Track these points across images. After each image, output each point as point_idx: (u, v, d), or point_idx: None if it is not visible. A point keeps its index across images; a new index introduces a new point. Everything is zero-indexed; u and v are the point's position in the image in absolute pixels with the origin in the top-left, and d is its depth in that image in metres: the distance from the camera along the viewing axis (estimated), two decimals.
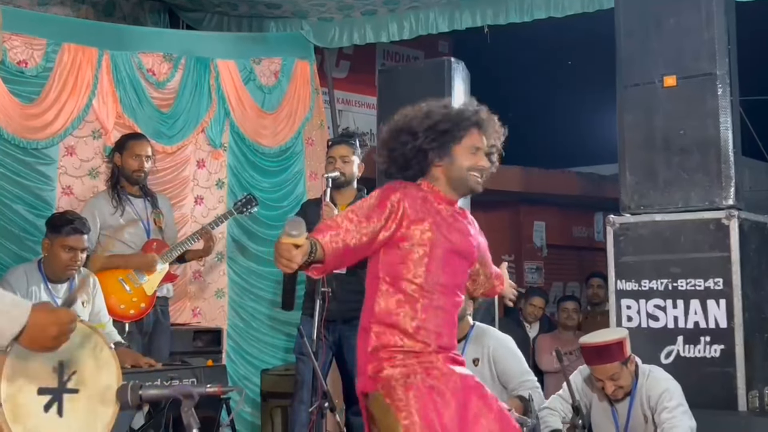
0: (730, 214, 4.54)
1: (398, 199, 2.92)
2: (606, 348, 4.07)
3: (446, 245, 2.96)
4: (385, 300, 2.93)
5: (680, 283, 4.64)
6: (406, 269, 2.92)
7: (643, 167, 4.84)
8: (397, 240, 2.92)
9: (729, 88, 4.66)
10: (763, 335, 4.78)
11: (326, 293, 4.38)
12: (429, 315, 2.92)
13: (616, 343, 4.07)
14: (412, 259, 2.92)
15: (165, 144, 6.04)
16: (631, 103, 4.89)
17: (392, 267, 2.94)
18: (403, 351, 2.88)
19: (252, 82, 6.50)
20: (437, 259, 2.94)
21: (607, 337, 4.14)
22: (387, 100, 6.22)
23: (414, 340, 2.89)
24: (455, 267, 3.01)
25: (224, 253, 6.24)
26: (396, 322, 2.90)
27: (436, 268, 2.93)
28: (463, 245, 3.05)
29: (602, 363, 4.07)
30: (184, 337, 5.54)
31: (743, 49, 4.95)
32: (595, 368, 4.11)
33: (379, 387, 2.87)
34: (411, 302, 2.91)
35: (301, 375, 4.74)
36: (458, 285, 3.04)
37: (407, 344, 2.88)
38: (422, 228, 2.93)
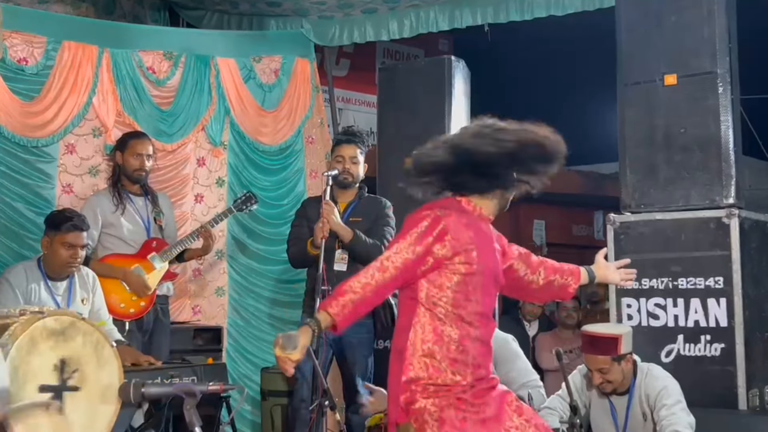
0: (731, 213, 4.54)
1: (442, 229, 2.83)
2: (599, 339, 4.08)
3: (486, 272, 2.90)
4: (422, 326, 2.86)
5: (681, 281, 4.65)
6: (446, 298, 2.84)
7: (644, 166, 4.83)
8: (437, 267, 2.84)
9: (730, 87, 4.66)
10: (764, 334, 4.78)
11: (327, 291, 4.38)
12: (467, 346, 2.86)
13: (610, 338, 4.07)
14: (452, 288, 2.84)
15: (165, 142, 6.03)
16: (631, 101, 4.89)
17: (431, 293, 2.86)
18: (436, 385, 2.81)
19: (252, 81, 6.50)
20: (477, 288, 2.87)
21: (605, 330, 4.15)
22: (387, 99, 6.24)
23: (451, 373, 2.82)
24: (491, 293, 2.96)
25: (224, 251, 6.23)
26: (432, 353, 2.82)
27: (476, 297, 2.87)
28: (496, 269, 2.98)
29: (594, 353, 4.08)
30: (185, 336, 5.54)
31: (743, 47, 4.95)
32: (587, 357, 4.14)
33: (412, 420, 2.82)
34: (449, 332, 2.84)
35: (301, 373, 4.73)
36: (492, 311, 2.98)
37: (442, 378, 2.82)
38: (465, 257, 2.84)
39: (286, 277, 6.09)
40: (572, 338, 6.39)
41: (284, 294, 6.27)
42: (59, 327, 3.07)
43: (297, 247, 4.90)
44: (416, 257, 2.82)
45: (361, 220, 4.83)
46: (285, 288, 6.25)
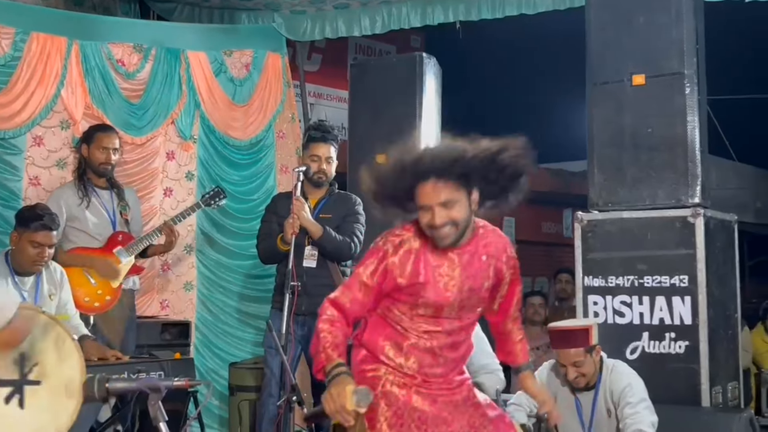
0: (696, 212, 4.59)
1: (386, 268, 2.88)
2: (572, 333, 4.13)
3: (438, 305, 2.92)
4: (372, 331, 2.97)
5: (646, 279, 4.69)
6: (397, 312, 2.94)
7: (612, 165, 4.88)
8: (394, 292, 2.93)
9: (696, 87, 4.70)
10: (727, 332, 4.85)
11: (296, 287, 4.38)
12: (415, 355, 2.95)
13: (582, 330, 4.13)
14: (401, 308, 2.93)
15: (134, 135, 6.00)
16: (600, 100, 4.93)
17: (384, 303, 2.96)
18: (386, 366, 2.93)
19: (223, 74, 6.47)
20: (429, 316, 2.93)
21: (574, 323, 4.23)
22: (358, 94, 6.24)
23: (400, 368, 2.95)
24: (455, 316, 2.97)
25: (193, 246, 6.21)
26: (384, 349, 2.95)
27: (426, 321, 2.94)
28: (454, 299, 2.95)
29: (567, 347, 4.11)
30: (152, 330, 5.51)
31: (711, 48, 5.00)
32: (560, 352, 4.16)
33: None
34: (397, 340, 2.95)
35: (269, 369, 4.74)
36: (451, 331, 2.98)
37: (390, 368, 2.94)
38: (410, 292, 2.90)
39: (256, 273, 6.08)
40: (539, 334, 6.43)
41: (253, 289, 6.26)
42: None
43: (267, 242, 4.89)
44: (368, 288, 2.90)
45: (331, 217, 4.83)
46: (254, 283, 6.24)
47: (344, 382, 2.75)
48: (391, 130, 6.03)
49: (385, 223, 3.09)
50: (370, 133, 6.10)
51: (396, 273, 2.87)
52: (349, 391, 2.72)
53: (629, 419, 3.96)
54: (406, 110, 5.91)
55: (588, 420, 4.16)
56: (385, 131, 6.04)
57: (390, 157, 2.89)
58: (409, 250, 2.88)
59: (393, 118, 5.96)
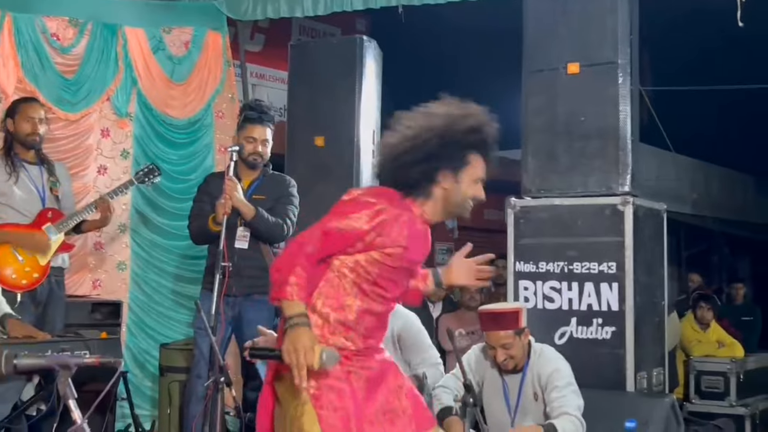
0: (626, 201, 4.66)
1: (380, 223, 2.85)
2: (501, 315, 4.17)
3: (403, 270, 2.97)
4: (326, 290, 2.91)
5: (576, 266, 4.76)
6: (356, 273, 2.90)
7: (545, 152, 4.93)
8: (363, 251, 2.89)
9: (629, 77, 4.77)
10: (654, 319, 4.94)
11: (227, 268, 4.35)
12: (363, 319, 2.93)
13: (511, 312, 4.17)
14: (365, 268, 2.90)
15: (68, 111, 5.90)
16: (535, 88, 4.98)
17: (344, 264, 2.91)
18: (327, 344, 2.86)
19: (161, 52, 6.38)
20: (388, 278, 2.94)
21: (503, 306, 4.28)
22: (298, 75, 6.21)
23: (343, 338, 2.90)
24: (401, 285, 3.03)
25: (127, 225, 6.12)
26: (328, 316, 2.90)
27: (384, 284, 2.94)
28: (417, 266, 3.07)
29: (496, 329, 4.15)
30: (82, 309, 5.42)
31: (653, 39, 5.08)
32: (489, 334, 4.19)
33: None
34: (350, 302, 2.91)
35: (199, 349, 4.71)
36: (398, 296, 3.06)
37: (333, 340, 2.88)
38: (392, 252, 2.89)
39: (191, 253, 6.02)
40: (475, 320, 6.44)
41: (188, 270, 6.19)
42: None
43: (198, 222, 4.84)
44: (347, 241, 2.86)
45: (264, 198, 4.80)
46: (189, 263, 6.17)
47: (310, 338, 2.73)
48: (330, 112, 6.04)
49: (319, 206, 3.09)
50: (309, 114, 6.08)
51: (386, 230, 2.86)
52: (318, 351, 2.72)
53: (555, 402, 4.02)
54: (346, 92, 5.89)
55: (514, 403, 4.21)
56: (324, 113, 6.04)
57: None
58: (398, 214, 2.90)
59: (332, 101, 5.94)
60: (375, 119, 6.25)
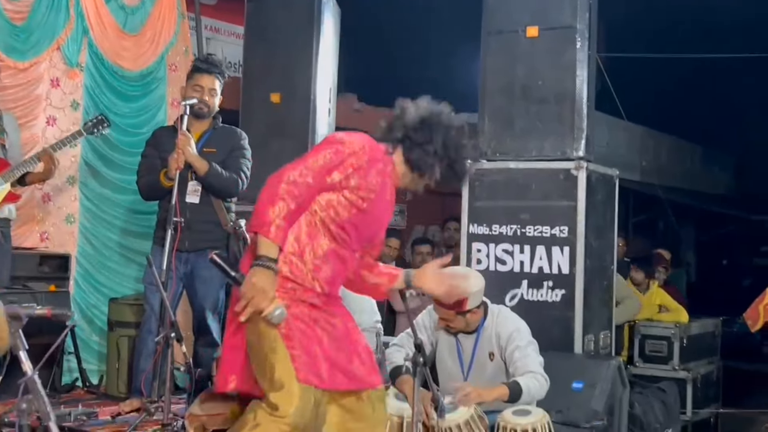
0: (579, 165, 4.69)
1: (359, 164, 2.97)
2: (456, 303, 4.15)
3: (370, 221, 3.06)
4: (299, 227, 2.96)
5: (528, 229, 4.80)
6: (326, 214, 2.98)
7: (502, 115, 4.94)
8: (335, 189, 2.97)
9: (587, 43, 4.78)
10: (603, 283, 5.01)
11: (179, 223, 4.30)
12: (330, 259, 3.00)
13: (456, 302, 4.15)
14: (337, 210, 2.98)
15: (16, 59, 5.71)
16: (493, 50, 4.96)
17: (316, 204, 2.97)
18: (295, 282, 2.94)
19: (114, 1, 6.21)
20: (355, 226, 3.02)
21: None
22: (254, 31, 6.12)
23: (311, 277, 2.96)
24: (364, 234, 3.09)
25: (76, 178, 5.99)
26: (302, 253, 2.95)
27: (351, 231, 3.02)
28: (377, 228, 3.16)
29: (439, 306, 4.16)
30: (29, 262, 5.32)
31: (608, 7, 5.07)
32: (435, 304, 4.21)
33: None
34: (321, 241, 2.98)
35: (149, 305, 4.66)
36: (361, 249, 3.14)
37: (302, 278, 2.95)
38: (364, 197, 2.98)
39: (140, 208, 5.92)
40: None
41: (137, 225, 6.09)
42: None
43: (148, 178, 4.76)
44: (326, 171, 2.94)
45: (215, 152, 4.73)
46: (138, 218, 6.07)
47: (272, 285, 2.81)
48: (287, 68, 5.97)
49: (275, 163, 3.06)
50: (265, 70, 6.01)
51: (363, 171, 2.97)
52: (274, 304, 2.80)
53: (519, 362, 4.06)
54: (302, 49, 5.83)
55: (468, 362, 4.24)
56: (280, 69, 5.98)
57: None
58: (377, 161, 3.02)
59: (289, 57, 5.88)
60: (332, 77, 6.19)
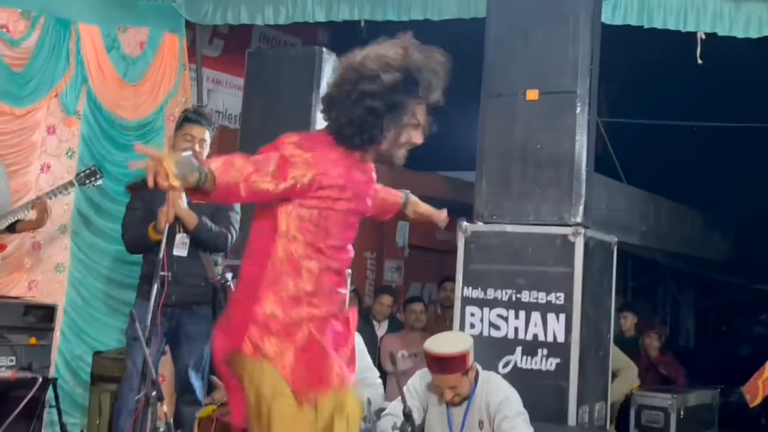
0: (577, 231, 4.61)
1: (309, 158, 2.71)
2: (450, 360, 4.08)
3: (351, 208, 2.84)
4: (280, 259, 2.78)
5: (524, 294, 4.70)
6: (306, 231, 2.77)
7: (499, 177, 4.87)
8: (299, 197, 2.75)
9: (587, 107, 4.73)
10: (599, 352, 4.90)
11: (165, 277, 4.21)
12: (323, 279, 2.82)
13: (459, 356, 4.09)
14: (312, 221, 2.77)
15: (14, 105, 5.70)
16: (493, 112, 4.92)
17: (291, 225, 2.77)
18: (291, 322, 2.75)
19: (115, 51, 6.23)
20: (337, 223, 2.81)
21: (451, 349, 4.11)
22: (254, 84, 6.09)
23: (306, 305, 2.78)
24: (353, 226, 2.91)
25: (68, 226, 5.92)
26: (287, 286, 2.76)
27: (335, 231, 2.82)
28: (362, 205, 2.93)
29: (443, 374, 4.09)
30: (14, 311, 5.18)
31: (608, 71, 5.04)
32: (436, 377, 4.14)
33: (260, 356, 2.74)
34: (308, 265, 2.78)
35: (132, 361, 4.55)
36: (349, 240, 2.93)
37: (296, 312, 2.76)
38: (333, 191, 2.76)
39: (127, 258, 5.78)
40: (419, 341, 6.38)
41: (123, 275, 5.99)
42: None
43: (135, 232, 4.68)
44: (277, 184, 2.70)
45: (204, 204, 4.66)
46: (125, 268, 5.97)
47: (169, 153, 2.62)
48: (285, 122, 5.89)
49: None
50: (263, 123, 5.96)
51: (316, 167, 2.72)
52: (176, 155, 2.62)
53: None
54: (301, 103, 5.79)
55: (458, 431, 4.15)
56: (278, 123, 5.91)
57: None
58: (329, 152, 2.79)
59: (287, 111, 5.83)
60: None
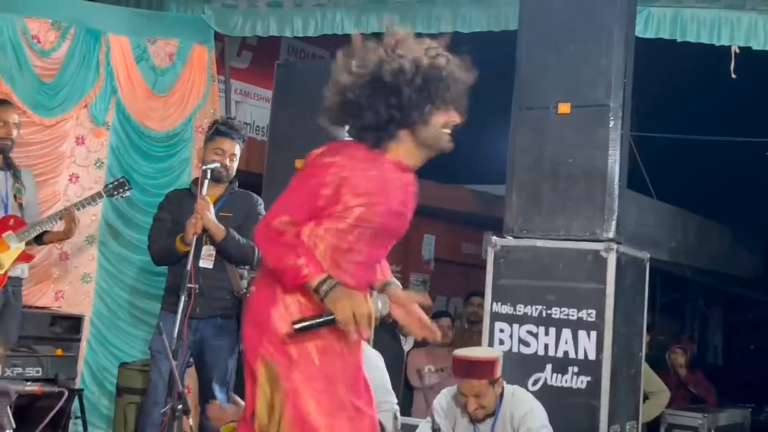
0: (609, 247, 4.53)
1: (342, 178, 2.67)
2: (477, 364, 4.08)
3: (383, 227, 2.76)
4: None
5: (554, 310, 4.62)
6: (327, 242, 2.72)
7: (530, 191, 4.79)
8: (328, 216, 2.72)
9: (621, 121, 4.65)
10: (630, 370, 4.81)
11: (192, 290, 4.18)
12: None
13: (487, 362, 4.09)
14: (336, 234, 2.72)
15: (43, 116, 5.74)
16: (524, 126, 4.85)
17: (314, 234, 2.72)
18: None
19: (144, 62, 6.24)
20: (363, 240, 2.74)
21: (481, 354, 4.13)
22: (282, 96, 6.08)
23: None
24: (383, 245, 2.84)
25: (96, 237, 5.93)
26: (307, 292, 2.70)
27: (359, 247, 2.75)
28: (398, 225, 2.83)
29: (470, 378, 4.07)
30: (41, 322, 5.20)
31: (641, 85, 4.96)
32: (462, 382, 4.11)
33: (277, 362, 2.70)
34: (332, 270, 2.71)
35: (157, 373, 4.52)
36: (379, 260, 2.88)
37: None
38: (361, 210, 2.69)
39: (153, 269, 5.78)
40: (446, 356, 6.31)
41: (148, 285, 5.98)
42: None
43: (162, 243, 4.67)
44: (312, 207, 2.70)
45: (231, 216, 4.64)
46: (150, 279, 5.96)
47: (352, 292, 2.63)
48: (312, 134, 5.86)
49: None
50: (291, 135, 5.94)
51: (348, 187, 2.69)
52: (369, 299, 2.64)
53: None
54: None
55: None
56: (305, 135, 5.88)
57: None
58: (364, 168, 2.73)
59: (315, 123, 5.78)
60: None
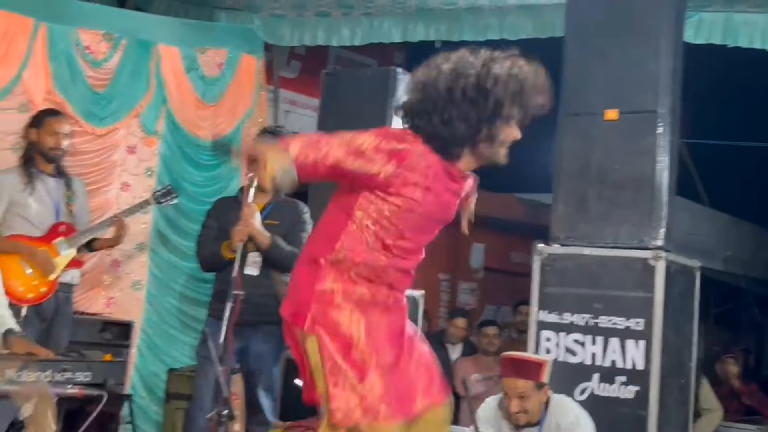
0: (658, 255, 4.45)
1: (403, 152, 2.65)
2: (525, 363, 4.10)
3: (428, 215, 2.77)
4: (350, 242, 2.73)
5: (601, 319, 4.55)
6: (379, 226, 2.72)
7: (576, 198, 4.74)
8: (381, 189, 2.69)
9: (670, 128, 4.57)
10: (680, 380, 4.71)
11: (238, 297, 4.20)
12: (389, 272, 2.77)
13: (535, 363, 4.11)
14: (388, 218, 2.71)
15: (95, 125, 5.85)
16: (570, 132, 4.79)
17: (367, 215, 2.72)
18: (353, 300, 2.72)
19: (194, 72, 6.33)
20: (411, 227, 2.75)
21: (530, 354, 4.19)
22: (329, 104, 6.10)
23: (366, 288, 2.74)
24: (430, 231, 2.85)
25: (146, 244, 6.03)
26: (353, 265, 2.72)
27: (409, 234, 2.75)
28: (444, 214, 2.85)
29: (516, 376, 4.07)
30: (91, 328, 5.30)
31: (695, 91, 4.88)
32: (507, 381, 4.11)
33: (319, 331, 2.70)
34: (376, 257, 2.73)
35: (204, 379, 4.55)
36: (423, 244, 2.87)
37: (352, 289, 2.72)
38: (413, 193, 2.69)
39: (201, 275, 5.86)
40: (493, 365, 6.29)
41: (196, 291, 6.07)
42: None
43: (209, 250, 4.71)
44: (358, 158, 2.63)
45: (278, 224, 4.66)
46: (198, 285, 6.05)
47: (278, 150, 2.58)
48: None
49: None
50: None
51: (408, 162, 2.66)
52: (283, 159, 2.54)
53: None
54: (376, 124, 5.71)
55: None
56: None
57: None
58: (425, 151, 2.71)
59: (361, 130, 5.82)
60: None
